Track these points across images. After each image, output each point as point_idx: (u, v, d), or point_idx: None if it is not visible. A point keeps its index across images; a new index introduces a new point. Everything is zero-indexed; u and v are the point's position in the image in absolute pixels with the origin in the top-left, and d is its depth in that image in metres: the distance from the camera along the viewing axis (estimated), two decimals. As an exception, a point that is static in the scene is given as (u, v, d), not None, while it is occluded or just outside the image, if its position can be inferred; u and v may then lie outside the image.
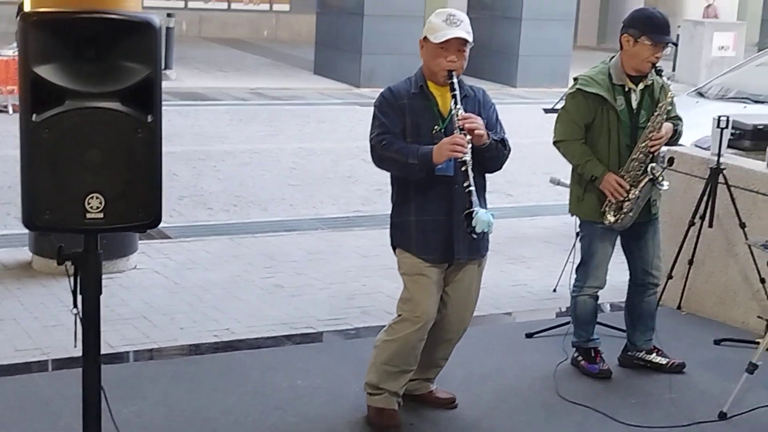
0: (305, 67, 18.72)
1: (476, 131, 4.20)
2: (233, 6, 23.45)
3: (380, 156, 4.31)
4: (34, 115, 2.84)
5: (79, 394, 4.27)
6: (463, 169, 4.18)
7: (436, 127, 4.31)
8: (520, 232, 8.27)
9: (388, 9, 16.69)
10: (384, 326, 4.61)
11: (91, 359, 3.10)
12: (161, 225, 3.15)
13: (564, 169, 5.21)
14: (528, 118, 14.70)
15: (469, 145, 4.18)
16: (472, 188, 4.12)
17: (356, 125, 13.00)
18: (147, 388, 4.83)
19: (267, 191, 9.37)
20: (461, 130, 4.18)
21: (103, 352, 5.20)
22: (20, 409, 4.54)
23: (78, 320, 3.05)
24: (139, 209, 2.93)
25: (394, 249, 4.53)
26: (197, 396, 4.75)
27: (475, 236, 4.17)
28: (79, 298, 3.07)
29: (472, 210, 4.12)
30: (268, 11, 23.87)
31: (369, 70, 16.64)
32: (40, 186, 2.89)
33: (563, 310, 6.26)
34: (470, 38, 4.28)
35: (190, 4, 23.00)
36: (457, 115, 4.22)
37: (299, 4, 23.35)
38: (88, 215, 2.88)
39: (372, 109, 4.42)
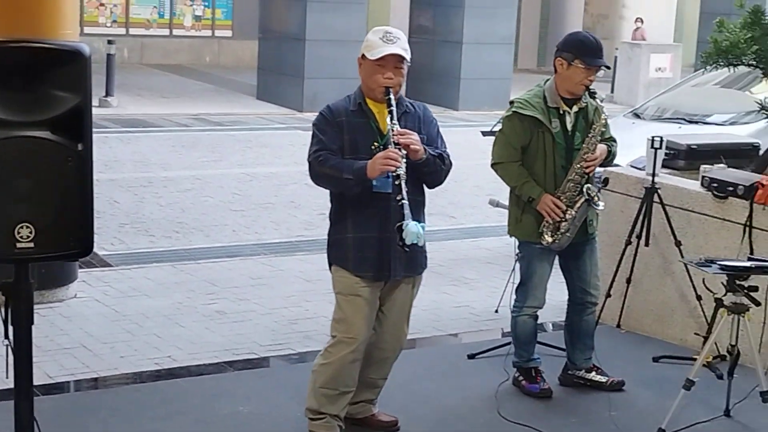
0: (248, 92, 18.69)
1: (411, 146, 4.24)
2: (175, 32, 23.36)
3: (317, 172, 4.35)
4: (-38, 146, 2.82)
5: (12, 427, 4.22)
6: (397, 183, 4.21)
7: (374, 143, 4.34)
8: (462, 253, 8.33)
9: (330, 34, 16.75)
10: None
11: (23, 391, 3.06)
12: (102, 253, 3.14)
13: (505, 191, 5.27)
14: (470, 141, 14.78)
15: (404, 160, 4.21)
16: (405, 201, 4.15)
17: (299, 150, 12.98)
18: (86, 418, 4.77)
19: (209, 217, 9.32)
20: (396, 144, 4.22)
21: (41, 382, 5.20)
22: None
23: (9, 351, 3.01)
24: (71, 238, 2.92)
25: (330, 267, 4.54)
26: (138, 426, 4.71)
27: (406, 249, 4.18)
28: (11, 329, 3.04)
29: (402, 222, 4.15)
30: (210, 37, 23.81)
31: (312, 94, 16.66)
32: (-31, 216, 2.85)
33: (506, 330, 6.30)
34: (407, 55, 4.33)
35: (132, 31, 22.87)
36: (393, 131, 4.25)
37: (241, 29, 23.33)
38: (18, 245, 2.86)
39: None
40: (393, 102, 4.30)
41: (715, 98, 9.76)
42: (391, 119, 4.28)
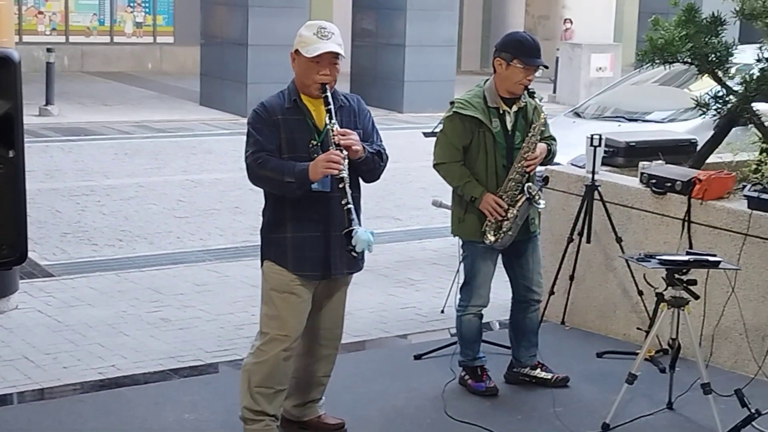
0: (191, 98, 18.56)
1: (353, 147, 4.23)
2: (116, 39, 23.13)
3: (256, 175, 4.29)
4: None
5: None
6: (341, 186, 4.19)
7: (312, 141, 4.29)
8: (408, 255, 8.35)
9: (273, 39, 16.67)
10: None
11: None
12: (44, 263, 3.10)
13: (449, 192, 5.29)
14: (415, 143, 14.77)
15: (346, 161, 4.19)
16: (351, 206, 4.14)
17: (243, 155, 12.93)
18: (30, 430, 4.70)
19: (153, 224, 9.25)
20: (337, 146, 4.19)
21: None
22: None
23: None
24: (3, 246, 2.87)
25: (262, 262, 4.48)
26: (82, 436, 4.66)
27: (355, 254, 4.19)
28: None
29: (351, 229, 4.14)
30: (151, 43, 23.60)
31: (255, 99, 16.43)
32: None
33: (452, 330, 6.32)
34: (342, 51, 4.29)
35: (72, 38, 22.60)
36: (333, 131, 4.22)
37: (183, 35, 23.15)
38: (-51, 254, 2.82)
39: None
40: (330, 100, 4.26)
41: (654, 96, 9.89)
42: (330, 119, 4.25)
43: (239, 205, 10.14)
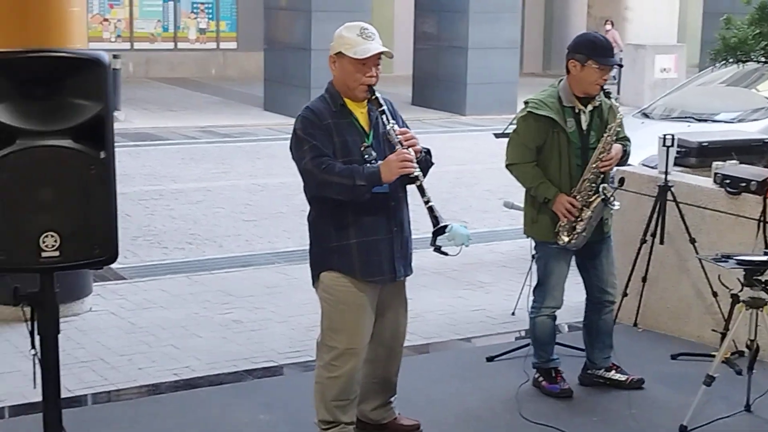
0: (255, 103, 18.72)
1: (415, 147, 4.23)
2: (180, 45, 23.43)
3: (321, 181, 4.17)
4: (-15, 157, 2.84)
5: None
6: (418, 184, 4.17)
7: (364, 143, 4.26)
8: (476, 257, 8.31)
9: (335, 43, 16.78)
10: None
11: (51, 400, 3.07)
12: (116, 266, 3.15)
13: (517, 193, 5.26)
14: (479, 146, 14.82)
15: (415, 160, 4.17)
16: (433, 203, 4.12)
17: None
18: (107, 431, 4.77)
19: (221, 228, 9.34)
20: (401, 145, 4.18)
21: (61, 396, 5.21)
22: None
23: (36, 361, 3.02)
24: (95, 246, 2.92)
25: (317, 275, 4.38)
26: (159, 435, 4.73)
27: (446, 254, 4.14)
28: (37, 339, 3.04)
29: (445, 225, 4.10)
30: (215, 49, 23.87)
31: (318, 104, 16.69)
32: (-7, 227, 2.87)
33: (523, 333, 6.30)
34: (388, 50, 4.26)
35: (136, 45, 22.94)
36: (394, 131, 4.21)
37: (246, 41, 23.38)
38: (44, 254, 2.87)
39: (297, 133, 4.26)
40: (382, 100, 4.24)
41: (722, 97, 9.79)
42: (388, 120, 4.24)
43: (305, 209, 10.14)
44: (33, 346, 3.04)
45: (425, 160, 4.33)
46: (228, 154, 13.72)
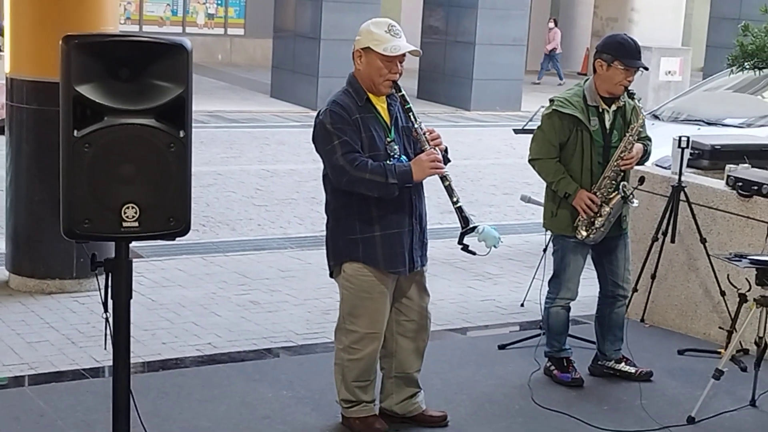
0: (262, 90, 18.87)
1: (441, 146, 4.37)
2: (188, 30, 23.55)
3: (354, 177, 4.25)
4: (75, 131, 3.03)
5: (71, 406, 4.39)
6: (447, 184, 4.32)
7: (387, 138, 4.38)
8: (482, 250, 8.47)
9: (344, 33, 16.88)
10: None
11: (121, 362, 3.24)
12: (132, 245, 3.32)
13: (522, 189, 5.42)
14: (484, 141, 14.99)
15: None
16: (462, 204, 4.27)
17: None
18: (136, 400, 4.92)
19: (234, 211, 9.50)
20: (429, 144, 4.32)
21: (88, 366, 5.37)
22: (17, 419, 4.64)
23: (108, 325, 3.19)
24: (171, 218, 3.11)
25: (339, 264, 4.47)
26: (187, 407, 4.88)
27: (474, 253, 4.29)
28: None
29: (475, 226, 4.24)
30: (222, 35, 24.00)
31: (326, 93, 16.76)
32: (80, 197, 3.07)
33: (532, 323, 6.46)
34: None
35: (145, 28, 23.06)
36: (421, 129, 4.34)
37: (253, 28, 23.52)
38: (124, 224, 3.06)
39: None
40: (407, 98, 4.35)
41: (728, 102, 10.00)
42: (415, 118, 4.36)
43: (316, 196, 10.33)
44: (105, 310, 3.21)
45: (444, 158, 4.46)
46: (236, 139, 13.87)
